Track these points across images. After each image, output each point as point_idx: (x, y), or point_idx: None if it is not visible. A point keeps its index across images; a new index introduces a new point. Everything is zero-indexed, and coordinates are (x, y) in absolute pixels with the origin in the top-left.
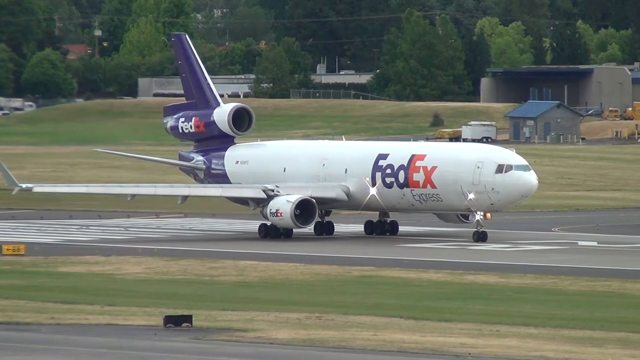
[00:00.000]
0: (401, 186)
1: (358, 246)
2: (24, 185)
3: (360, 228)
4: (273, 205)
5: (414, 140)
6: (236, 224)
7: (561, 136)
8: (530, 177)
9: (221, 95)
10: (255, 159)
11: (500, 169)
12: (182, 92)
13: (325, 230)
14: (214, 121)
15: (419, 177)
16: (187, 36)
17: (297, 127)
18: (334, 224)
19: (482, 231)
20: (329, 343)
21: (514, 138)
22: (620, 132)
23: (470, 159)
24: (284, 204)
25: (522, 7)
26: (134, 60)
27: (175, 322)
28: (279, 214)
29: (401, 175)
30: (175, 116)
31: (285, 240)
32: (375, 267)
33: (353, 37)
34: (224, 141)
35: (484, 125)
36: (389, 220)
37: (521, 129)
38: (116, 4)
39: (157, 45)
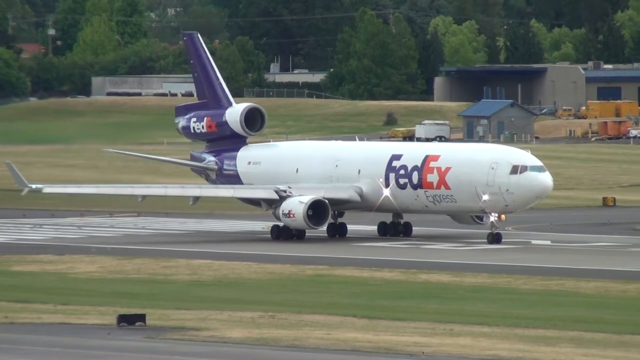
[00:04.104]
0: (415, 187)
1: (312, 245)
2: (33, 186)
3: (373, 229)
4: (285, 206)
5: (367, 139)
6: (189, 223)
7: (515, 135)
8: (545, 178)
9: (174, 95)
10: (267, 160)
11: (515, 169)
12: (135, 91)
13: (338, 232)
14: (226, 121)
15: (432, 178)
16: (198, 35)
17: None
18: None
19: (496, 233)
20: (282, 342)
21: (468, 137)
22: (574, 131)
23: (485, 160)
24: (296, 204)
25: (476, 6)
26: (88, 59)
27: (128, 321)
28: (291, 215)
29: (415, 176)
30: (187, 116)
31: (243, 241)
32: (328, 266)
33: (307, 36)
34: (236, 141)
35: (438, 124)
36: (402, 221)
37: (475, 127)
38: (70, 3)
39: (111, 44)
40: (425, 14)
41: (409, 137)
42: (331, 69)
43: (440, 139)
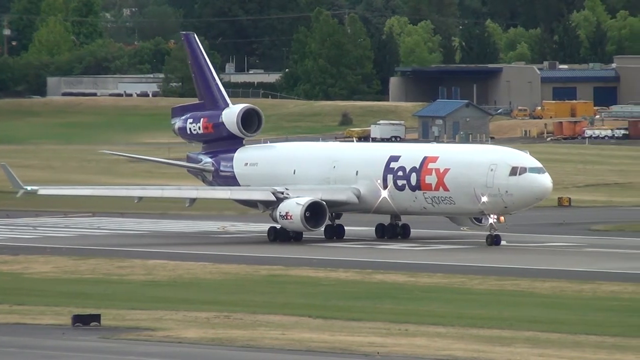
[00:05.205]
0: (413, 189)
1: (267, 245)
2: (29, 188)
3: (371, 230)
4: (283, 207)
5: (323, 140)
6: (145, 223)
7: (470, 135)
8: (545, 180)
9: (129, 95)
10: (264, 161)
11: (514, 171)
12: (90, 91)
13: (335, 234)
14: (222, 122)
15: (431, 179)
16: (195, 35)
17: None
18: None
19: (495, 234)
20: (237, 342)
21: (423, 137)
22: (529, 131)
23: (484, 161)
24: (293, 206)
25: (431, 7)
26: (43, 60)
27: (83, 321)
28: (288, 217)
29: (413, 178)
30: (183, 117)
31: (200, 242)
32: (284, 266)
33: (262, 36)
34: (232, 142)
35: (393, 124)
36: (400, 223)
37: (430, 128)
38: (25, 3)
39: (66, 45)
40: (380, 14)
41: (364, 138)
42: (286, 69)
43: (396, 139)
